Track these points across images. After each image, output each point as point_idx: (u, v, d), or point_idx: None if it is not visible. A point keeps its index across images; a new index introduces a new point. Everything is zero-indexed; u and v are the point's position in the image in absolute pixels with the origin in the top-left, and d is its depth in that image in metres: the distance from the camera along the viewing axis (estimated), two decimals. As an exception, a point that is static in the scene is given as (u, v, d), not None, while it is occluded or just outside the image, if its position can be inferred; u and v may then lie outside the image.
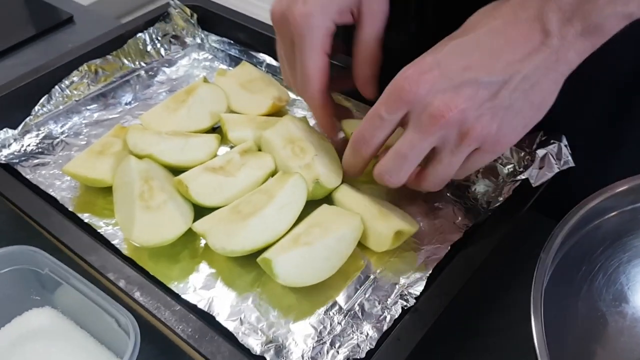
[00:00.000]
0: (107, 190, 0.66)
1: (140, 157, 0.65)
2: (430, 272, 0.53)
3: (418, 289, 0.53)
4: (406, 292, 0.54)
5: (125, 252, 0.60)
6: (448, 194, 0.66)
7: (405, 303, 0.52)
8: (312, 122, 0.74)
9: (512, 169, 0.65)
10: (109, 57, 0.83)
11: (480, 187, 0.67)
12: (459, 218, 0.63)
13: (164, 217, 0.60)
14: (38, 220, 0.59)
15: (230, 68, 0.87)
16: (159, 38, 0.89)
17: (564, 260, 0.52)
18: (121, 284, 0.52)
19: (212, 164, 0.66)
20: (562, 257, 0.52)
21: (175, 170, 0.66)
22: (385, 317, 0.54)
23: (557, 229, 0.48)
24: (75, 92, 0.81)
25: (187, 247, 0.62)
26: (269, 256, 0.55)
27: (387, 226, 0.59)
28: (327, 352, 0.52)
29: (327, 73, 0.61)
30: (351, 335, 0.53)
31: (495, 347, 0.55)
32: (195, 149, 0.68)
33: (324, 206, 0.62)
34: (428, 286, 0.52)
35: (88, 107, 0.81)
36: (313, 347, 0.52)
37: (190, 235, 0.62)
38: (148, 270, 0.56)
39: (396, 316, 0.51)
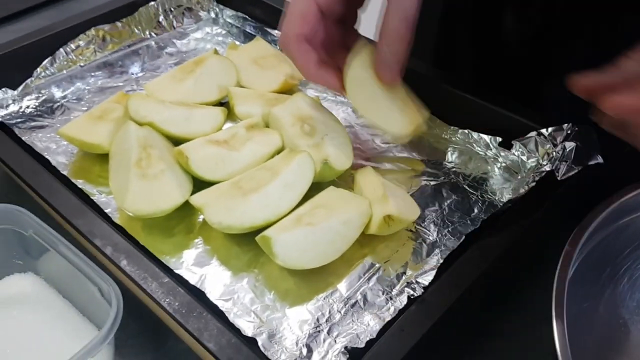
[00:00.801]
0: (104, 158, 0.62)
1: (140, 124, 0.62)
2: (442, 262, 0.49)
3: (427, 279, 0.49)
4: (414, 282, 0.50)
5: (117, 221, 0.56)
6: (464, 186, 0.62)
7: (412, 292, 0.47)
8: (325, 103, 0.70)
9: (535, 163, 0.61)
10: (118, 24, 0.80)
11: (498, 180, 0.63)
12: (475, 211, 0.59)
13: (160, 187, 0.56)
14: (26, 179, 0.55)
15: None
16: (172, 9, 0.85)
17: (587, 259, 0.48)
18: (108, 250, 0.48)
19: (216, 137, 0.62)
20: (586, 255, 0.48)
21: (177, 142, 0.63)
22: (389, 307, 0.50)
23: (586, 221, 0.44)
24: (80, 57, 0.78)
25: (183, 221, 0.59)
26: (269, 234, 0.51)
27: (381, 208, 0.54)
28: (324, 341, 0.48)
29: (311, 23, 0.54)
30: (351, 324, 0.49)
31: (508, 350, 0.51)
32: (200, 121, 0.65)
33: (331, 188, 0.58)
34: (438, 277, 0.47)
35: (93, 74, 0.77)
36: (309, 334, 0.48)
37: (187, 210, 0.58)
38: (139, 241, 0.52)
39: (401, 307, 0.47)
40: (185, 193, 0.57)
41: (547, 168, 0.56)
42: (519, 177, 0.62)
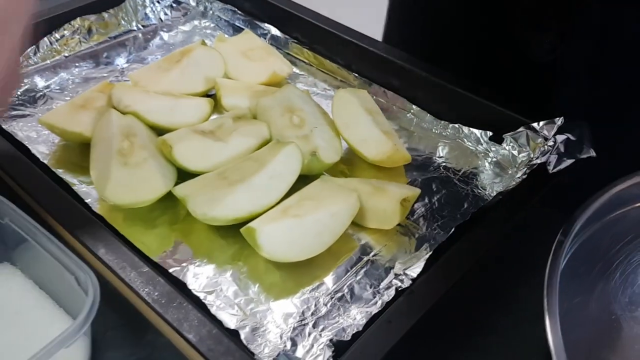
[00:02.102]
0: (86, 148, 0.60)
1: (124, 114, 0.60)
2: (430, 253, 0.47)
3: (415, 271, 0.47)
4: (402, 273, 0.49)
5: (97, 211, 0.55)
6: (455, 181, 0.61)
7: (399, 284, 0.46)
8: (315, 97, 0.69)
9: (526, 157, 0.60)
10: (104, 14, 0.79)
11: (489, 175, 0.61)
12: (465, 205, 0.58)
13: (142, 176, 0.55)
14: (5, 167, 0.53)
15: (232, 38, 0.82)
16: (160, 1, 0.84)
17: (578, 253, 0.47)
18: (86, 239, 0.46)
19: (202, 127, 0.61)
20: (577, 249, 0.47)
21: (161, 133, 0.61)
22: (377, 301, 0.49)
23: (578, 213, 0.43)
24: (65, 47, 0.76)
25: (166, 213, 0.57)
26: (254, 225, 0.50)
27: (389, 199, 0.54)
28: (309, 335, 0.46)
29: None
30: (337, 318, 0.48)
31: (497, 345, 0.50)
32: (185, 112, 0.63)
33: (319, 180, 0.57)
34: (426, 269, 0.46)
35: (77, 64, 0.76)
36: (294, 328, 0.47)
37: (171, 201, 0.56)
38: (119, 231, 0.50)
39: (388, 300, 0.46)
40: (169, 183, 0.56)
41: (538, 161, 0.55)
42: (510, 171, 0.62)
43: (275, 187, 0.55)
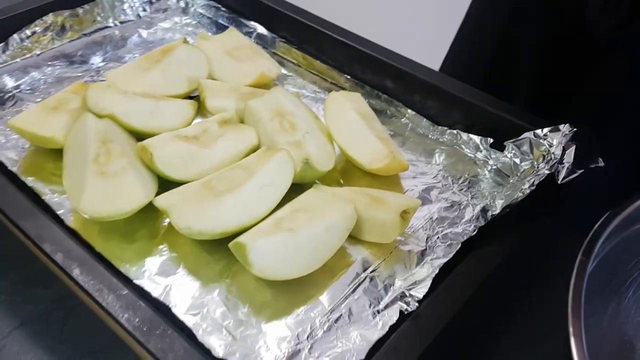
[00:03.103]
0: (59, 154, 0.56)
1: (100, 117, 0.55)
2: (437, 272, 0.44)
3: (421, 292, 0.44)
4: (407, 294, 0.45)
5: (70, 224, 0.50)
6: (454, 190, 0.58)
7: (405, 306, 0.42)
8: (304, 100, 0.65)
9: (529, 166, 0.57)
10: (79, 10, 0.74)
11: (489, 184, 0.58)
12: (466, 217, 0.55)
13: (121, 186, 0.50)
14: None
15: (216, 36, 0.78)
16: (138, -4, 0.79)
17: (593, 271, 0.43)
18: (58, 257, 0.42)
19: (185, 132, 0.56)
20: (593, 267, 0.43)
21: (141, 138, 0.56)
22: (377, 323, 0.45)
23: (598, 230, 0.40)
24: (36, 44, 0.71)
25: (146, 225, 0.53)
26: (244, 240, 0.46)
27: (388, 210, 0.50)
28: (305, 361, 0.42)
29: None
30: (335, 341, 0.44)
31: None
32: (167, 115, 0.59)
33: (313, 189, 0.53)
34: (432, 289, 0.43)
35: (50, 63, 0.71)
36: (288, 353, 0.43)
37: (151, 212, 0.52)
38: (95, 247, 0.46)
39: (391, 322, 0.42)
40: (150, 193, 0.51)
41: (547, 171, 0.52)
42: (512, 180, 0.58)
43: (266, 197, 0.51)
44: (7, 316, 0.48)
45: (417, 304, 0.41)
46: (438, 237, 0.53)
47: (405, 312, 0.41)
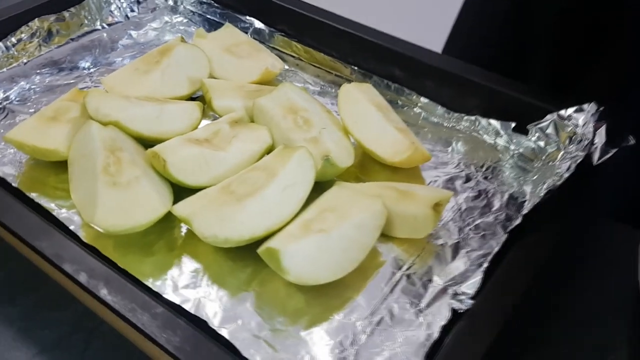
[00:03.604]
0: (61, 166, 0.52)
1: (103, 124, 0.52)
2: (487, 265, 0.41)
3: (472, 288, 0.41)
4: (455, 291, 0.42)
5: (84, 239, 0.47)
6: (479, 178, 0.56)
7: (458, 305, 0.40)
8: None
9: (555, 148, 0.55)
10: (65, 13, 0.70)
11: (514, 170, 0.56)
12: (496, 205, 0.53)
13: (136, 196, 0.47)
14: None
15: (210, 34, 0.75)
16: (125, -4, 0.76)
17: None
18: (82, 278, 0.39)
19: (196, 135, 0.53)
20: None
21: (148, 144, 0.53)
22: (421, 323, 0.43)
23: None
24: (23, 52, 0.68)
25: (162, 236, 0.50)
26: (276, 246, 0.43)
27: (419, 204, 0.48)
28: (355, 369, 0.40)
29: None
30: (381, 346, 0.42)
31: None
32: (174, 118, 0.56)
33: (336, 187, 0.51)
34: (483, 284, 0.40)
35: (38, 72, 0.67)
36: (335, 363, 0.41)
37: (166, 222, 0.49)
38: (117, 263, 0.43)
39: (442, 322, 0.40)
40: (167, 202, 0.48)
41: (581, 152, 0.50)
42: (536, 164, 0.56)
43: (290, 198, 0.48)
44: (23, 344, 0.45)
45: (470, 301, 0.39)
46: (470, 229, 0.51)
47: (460, 311, 0.39)
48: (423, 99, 0.63)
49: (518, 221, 0.44)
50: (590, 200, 0.48)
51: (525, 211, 0.45)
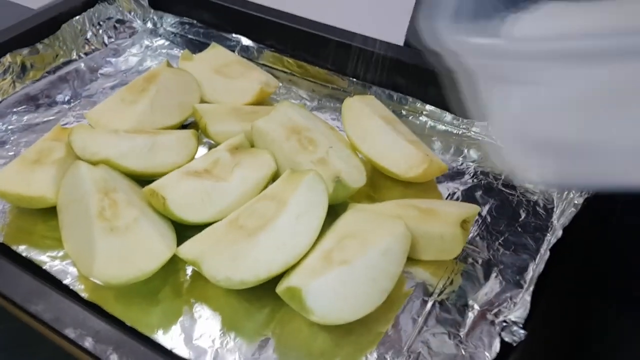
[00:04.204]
0: (50, 211, 0.48)
1: (93, 163, 0.48)
2: (533, 287, 0.38)
3: (521, 316, 0.37)
4: (506, 321, 0.38)
5: (83, 295, 0.42)
6: (499, 187, 0.52)
7: (511, 337, 0.36)
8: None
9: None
10: (38, 46, 0.66)
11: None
12: (522, 215, 0.49)
13: (137, 241, 0.43)
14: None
15: (194, 55, 0.71)
16: (101, 23, 0.71)
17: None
18: (87, 344, 0.34)
19: (194, 167, 0.49)
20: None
21: (142, 181, 0.49)
22: (464, 356, 0.39)
23: None
24: (-5, 91, 0.63)
25: (166, 281, 0.45)
26: (298, 284, 0.39)
27: (444, 222, 0.44)
28: (399, 416, 0.36)
29: None
30: (424, 386, 0.38)
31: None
32: (168, 149, 0.51)
33: (352, 210, 0.47)
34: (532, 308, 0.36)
35: (15, 110, 0.62)
36: (375, 410, 0.37)
37: (169, 264, 0.45)
38: (125, 321, 0.38)
39: (491, 355, 0.36)
40: (171, 244, 0.44)
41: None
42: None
43: (305, 228, 0.44)
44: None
45: (523, 332, 0.35)
46: (499, 243, 0.47)
47: (514, 343, 0.35)
48: (428, 107, 0.59)
49: (559, 234, 0.40)
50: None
51: (566, 223, 0.41)
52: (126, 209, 0.44)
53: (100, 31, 0.71)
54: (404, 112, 0.61)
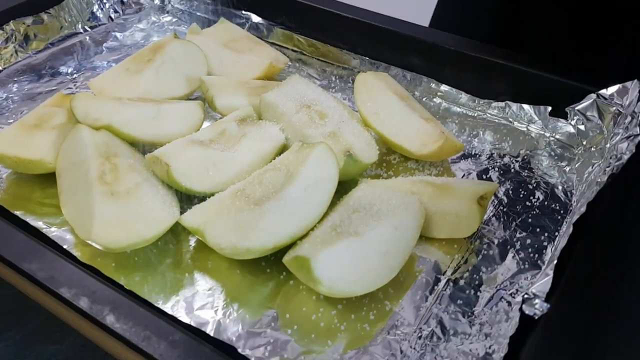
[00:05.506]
0: (47, 179, 0.46)
1: (95, 129, 0.46)
2: (555, 262, 0.35)
3: (543, 288, 0.35)
4: (528, 294, 0.36)
5: (82, 259, 0.40)
6: (516, 169, 0.50)
7: (532, 310, 0.34)
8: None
9: (598, 131, 0.50)
10: (43, 15, 0.64)
11: (552, 158, 0.51)
12: (539, 197, 0.47)
13: (138, 207, 0.41)
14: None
15: (202, 32, 0.69)
16: (108, -3, 0.70)
17: None
18: (83, 303, 0.32)
19: (200, 137, 0.47)
20: None
21: (145, 150, 0.47)
22: (478, 335, 0.37)
23: None
24: (-3, 59, 0.61)
25: (167, 251, 0.43)
26: (306, 254, 0.37)
27: (461, 199, 0.42)
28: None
29: None
30: (437, 364, 0.36)
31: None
32: (173, 119, 0.50)
33: (364, 184, 0.45)
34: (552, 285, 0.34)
35: (16, 79, 0.61)
36: (386, 387, 0.34)
37: (170, 234, 0.43)
38: (122, 284, 0.36)
39: (511, 331, 0.34)
40: (174, 212, 0.42)
41: (638, 131, 0.44)
42: (576, 151, 0.51)
43: (314, 199, 0.42)
44: (14, 387, 0.38)
45: (546, 305, 0.33)
46: (516, 224, 0.45)
47: (535, 316, 0.33)
48: (444, 87, 0.57)
49: (583, 210, 0.38)
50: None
51: (590, 199, 0.39)
52: (128, 173, 0.43)
53: (107, 5, 0.70)
54: (417, 93, 0.59)
